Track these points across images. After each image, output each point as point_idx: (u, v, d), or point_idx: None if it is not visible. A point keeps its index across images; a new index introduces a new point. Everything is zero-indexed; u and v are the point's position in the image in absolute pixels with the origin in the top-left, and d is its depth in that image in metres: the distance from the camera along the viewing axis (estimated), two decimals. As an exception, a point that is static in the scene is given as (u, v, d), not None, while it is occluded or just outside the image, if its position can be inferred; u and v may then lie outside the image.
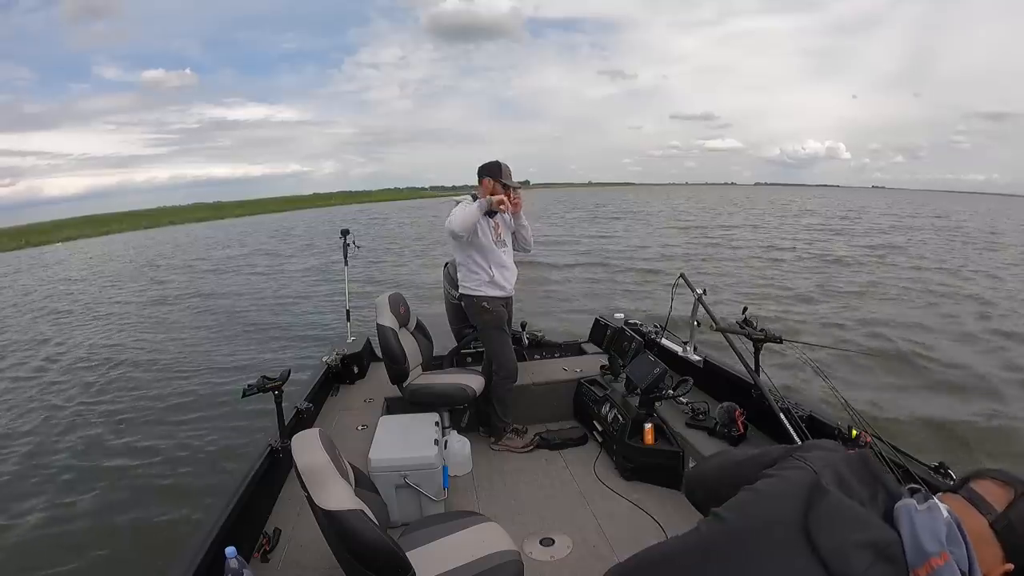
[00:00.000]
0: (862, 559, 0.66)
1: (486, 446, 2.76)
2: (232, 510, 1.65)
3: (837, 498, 0.73)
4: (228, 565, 1.36)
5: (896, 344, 6.66)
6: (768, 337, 2.19)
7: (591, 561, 1.89)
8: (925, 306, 8.85)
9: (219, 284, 12.91)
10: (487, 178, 2.59)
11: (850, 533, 0.68)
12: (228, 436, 4.48)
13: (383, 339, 2.57)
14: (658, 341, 3.00)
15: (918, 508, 0.68)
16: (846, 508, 0.72)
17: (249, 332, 8.07)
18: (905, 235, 20.61)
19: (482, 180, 2.61)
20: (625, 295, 9.78)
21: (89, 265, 19.96)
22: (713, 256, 14.54)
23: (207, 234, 31.66)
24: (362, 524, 1.19)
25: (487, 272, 2.62)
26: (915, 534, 0.66)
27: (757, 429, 2.28)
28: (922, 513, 0.68)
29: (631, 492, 2.34)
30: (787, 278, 11.34)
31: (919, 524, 0.67)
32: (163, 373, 6.28)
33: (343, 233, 3.89)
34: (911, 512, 0.68)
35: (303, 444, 1.31)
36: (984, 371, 5.76)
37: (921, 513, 0.68)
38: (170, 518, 3.42)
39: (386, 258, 15.32)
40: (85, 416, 5.16)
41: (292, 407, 2.32)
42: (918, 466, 1.68)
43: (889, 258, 14.30)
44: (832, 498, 0.73)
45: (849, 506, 0.72)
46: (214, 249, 22.17)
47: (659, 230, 22.55)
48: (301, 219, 40.55)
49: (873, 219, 29.10)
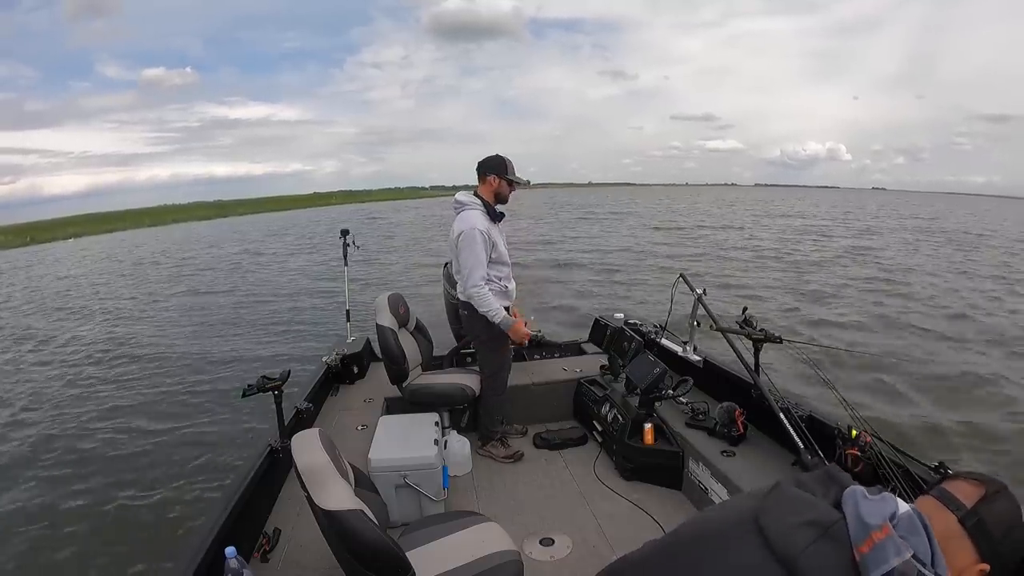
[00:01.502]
0: (805, 537, 0.66)
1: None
2: (232, 510, 1.65)
3: (787, 488, 0.74)
4: (228, 565, 1.35)
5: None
6: (768, 337, 2.19)
7: (591, 561, 1.89)
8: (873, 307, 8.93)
9: (218, 284, 12.90)
10: (492, 175, 2.43)
11: (794, 515, 0.69)
12: (228, 436, 4.48)
13: (383, 339, 2.57)
14: (658, 341, 3.00)
15: (867, 495, 0.68)
16: (794, 495, 0.73)
17: (249, 332, 8.08)
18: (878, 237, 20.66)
19: (486, 177, 2.44)
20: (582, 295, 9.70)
21: (108, 256, 20.41)
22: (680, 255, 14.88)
23: (208, 232, 31.76)
24: (362, 524, 1.19)
25: (499, 283, 2.51)
26: (858, 512, 0.66)
27: (757, 429, 2.28)
28: (871, 500, 0.68)
29: (631, 492, 2.34)
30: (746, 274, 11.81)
31: (864, 505, 0.66)
32: (162, 373, 6.28)
33: (343, 233, 3.88)
34: (857, 495, 0.69)
35: (303, 444, 1.31)
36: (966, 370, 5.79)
37: (870, 499, 0.68)
38: (170, 518, 3.42)
39: (380, 258, 15.29)
40: (85, 416, 5.15)
41: (292, 407, 2.32)
42: (918, 466, 1.68)
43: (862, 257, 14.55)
44: (783, 489, 0.74)
45: (797, 494, 0.73)
46: (215, 247, 22.24)
47: (639, 230, 22.76)
48: (300, 219, 40.72)
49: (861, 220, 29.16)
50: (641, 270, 12.39)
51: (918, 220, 30.55)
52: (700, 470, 2.20)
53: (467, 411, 2.89)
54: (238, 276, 13.96)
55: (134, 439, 4.59)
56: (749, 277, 11.44)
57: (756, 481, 1.94)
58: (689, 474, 2.28)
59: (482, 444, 2.72)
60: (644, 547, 0.88)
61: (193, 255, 19.75)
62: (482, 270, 2.38)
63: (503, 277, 2.54)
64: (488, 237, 2.37)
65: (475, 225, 2.35)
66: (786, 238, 19.35)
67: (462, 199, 2.45)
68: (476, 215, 2.39)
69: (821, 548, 0.65)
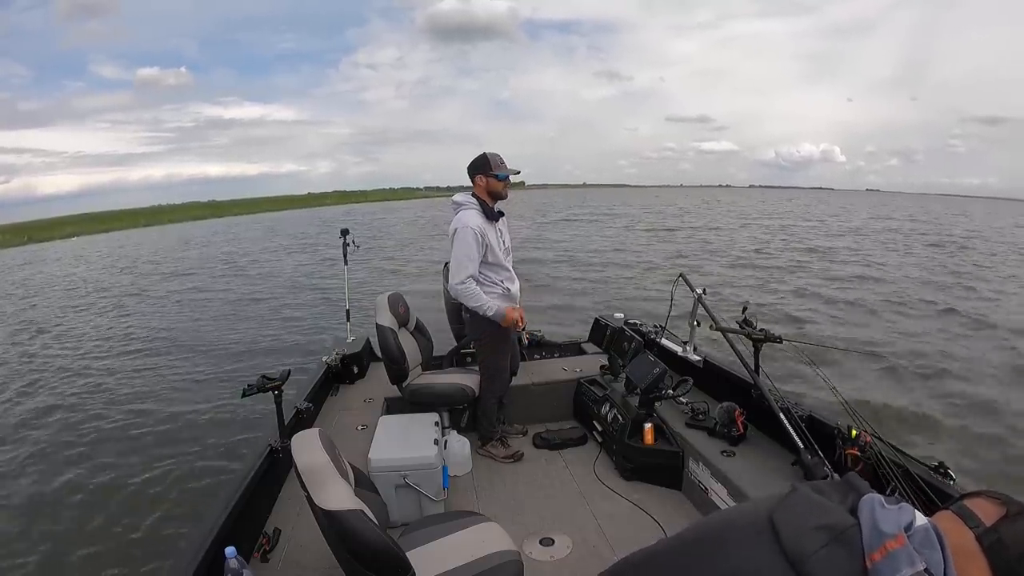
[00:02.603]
0: (816, 540, 0.65)
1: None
2: (232, 510, 1.65)
3: (804, 492, 0.73)
4: (228, 565, 1.36)
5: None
6: (768, 337, 2.19)
7: (591, 561, 1.89)
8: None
9: (217, 283, 12.91)
10: (479, 175, 2.43)
11: (809, 519, 0.68)
12: (228, 436, 4.48)
13: (382, 339, 2.57)
14: (658, 341, 3.00)
15: (885, 504, 0.67)
16: (811, 498, 0.72)
17: (249, 332, 8.07)
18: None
19: (474, 179, 2.45)
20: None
21: (109, 255, 20.64)
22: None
23: (202, 232, 31.94)
24: (362, 524, 1.19)
25: (499, 286, 2.49)
26: (874, 519, 0.65)
27: (757, 429, 2.28)
28: (888, 508, 0.66)
29: (631, 492, 2.34)
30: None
31: (880, 513, 0.65)
32: (162, 373, 6.29)
33: (343, 233, 3.87)
34: (874, 503, 0.67)
35: (303, 444, 1.31)
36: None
37: (887, 508, 0.66)
38: (169, 518, 3.42)
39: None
40: (83, 415, 5.15)
41: (292, 407, 2.32)
42: (918, 466, 1.68)
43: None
44: (800, 492, 0.73)
45: (814, 497, 0.72)
46: (214, 247, 22.27)
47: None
48: (295, 218, 41.05)
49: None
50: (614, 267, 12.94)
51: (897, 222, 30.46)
52: (700, 470, 2.20)
53: (467, 411, 2.89)
54: (235, 275, 13.97)
55: (132, 439, 4.58)
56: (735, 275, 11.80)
57: (756, 481, 1.94)
58: (689, 474, 2.28)
59: (482, 444, 2.72)
60: (652, 546, 0.88)
61: (187, 255, 19.90)
62: (471, 267, 2.39)
63: (504, 279, 2.50)
64: (481, 236, 2.38)
65: (468, 223, 2.37)
66: (760, 237, 19.93)
67: (459, 200, 2.47)
68: (471, 214, 2.41)
69: (832, 552, 0.64)
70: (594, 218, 30.77)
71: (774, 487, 0.75)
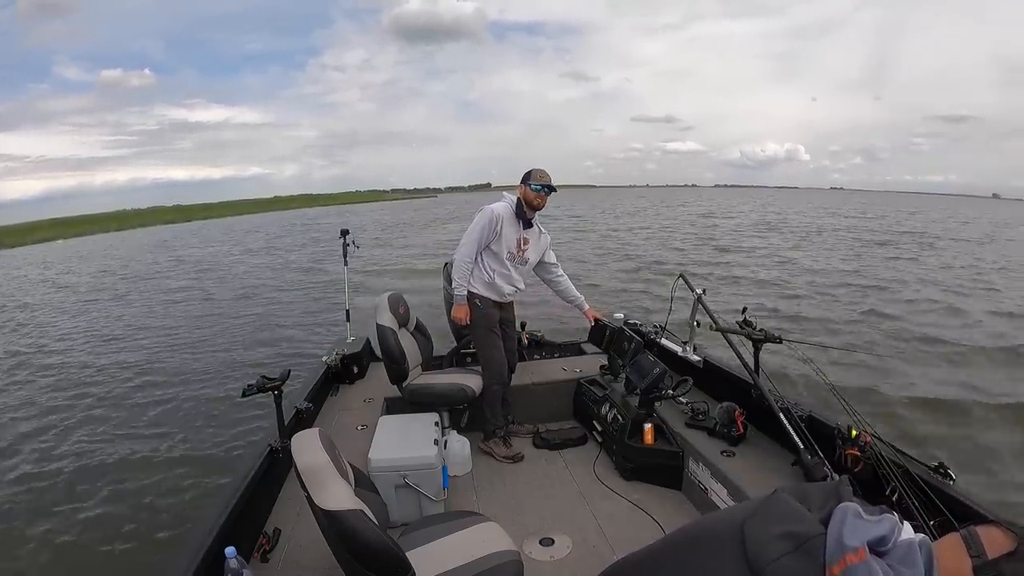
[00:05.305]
0: (777, 548, 0.63)
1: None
2: (232, 510, 1.65)
3: (780, 497, 0.71)
4: (228, 565, 1.35)
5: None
6: (768, 337, 2.19)
7: (591, 561, 1.89)
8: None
9: (216, 283, 12.90)
10: (521, 183, 2.63)
11: (776, 525, 0.66)
12: (228, 436, 4.48)
13: (382, 339, 2.57)
14: (658, 341, 3.00)
15: (863, 514, 0.64)
16: (784, 504, 0.69)
17: (248, 332, 8.07)
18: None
19: (520, 185, 2.65)
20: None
21: (86, 257, 20.52)
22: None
23: (173, 234, 32.13)
24: (362, 524, 1.19)
25: (488, 274, 2.64)
26: (840, 531, 0.62)
27: (757, 429, 2.28)
28: (861, 520, 0.63)
29: (631, 492, 2.34)
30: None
31: (850, 524, 0.62)
32: (161, 373, 6.28)
33: (343, 233, 3.87)
34: (847, 513, 0.64)
35: (303, 444, 1.31)
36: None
37: (861, 519, 0.63)
38: (169, 518, 3.42)
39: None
40: (83, 414, 5.16)
41: (292, 407, 2.32)
42: (918, 466, 1.68)
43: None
44: (776, 497, 0.71)
45: (787, 503, 0.70)
46: (189, 249, 22.38)
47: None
48: (263, 221, 41.51)
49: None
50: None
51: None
52: (700, 470, 2.20)
53: (467, 411, 2.89)
54: (234, 276, 13.96)
55: (132, 439, 4.58)
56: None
57: (756, 481, 1.94)
58: (689, 474, 2.28)
59: (484, 439, 2.73)
60: (642, 549, 0.88)
61: (172, 257, 19.90)
62: (473, 248, 2.58)
63: (496, 273, 2.64)
64: (497, 224, 2.57)
65: (491, 207, 2.60)
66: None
67: (505, 194, 2.71)
68: (501, 204, 2.62)
69: (791, 562, 0.62)
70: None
71: (774, 487, 0.75)
